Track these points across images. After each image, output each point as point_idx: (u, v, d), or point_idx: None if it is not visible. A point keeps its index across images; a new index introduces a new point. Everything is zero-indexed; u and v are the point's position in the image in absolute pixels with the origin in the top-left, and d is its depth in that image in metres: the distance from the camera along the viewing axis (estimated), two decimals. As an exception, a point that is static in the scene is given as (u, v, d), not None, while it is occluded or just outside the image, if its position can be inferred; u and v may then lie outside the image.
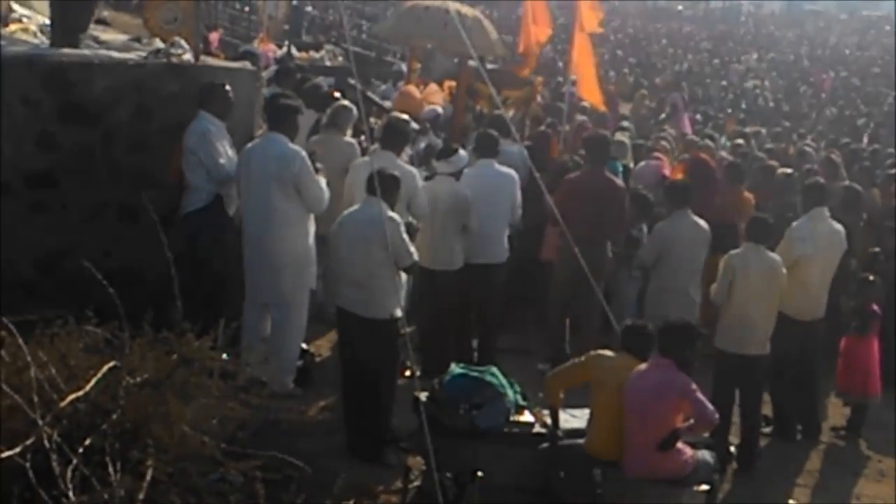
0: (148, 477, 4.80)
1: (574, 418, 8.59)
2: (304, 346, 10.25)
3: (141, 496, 4.70)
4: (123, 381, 5.14)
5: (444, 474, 7.97)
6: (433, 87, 17.15)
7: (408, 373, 10.53)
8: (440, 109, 15.41)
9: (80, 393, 4.86)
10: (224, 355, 8.27)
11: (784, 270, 9.98)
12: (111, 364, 5.10)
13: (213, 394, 5.40)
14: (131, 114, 10.05)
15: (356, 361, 9.02)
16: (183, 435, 5.16)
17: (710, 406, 7.79)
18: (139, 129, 10.07)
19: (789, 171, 14.34)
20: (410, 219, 9.41)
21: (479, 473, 7.92)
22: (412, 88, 16.53)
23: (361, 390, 9.00)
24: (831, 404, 11.86)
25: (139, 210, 10.01)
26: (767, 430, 10.91)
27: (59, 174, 9.95)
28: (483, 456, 8.20)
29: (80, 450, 4.77)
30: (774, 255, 10.04)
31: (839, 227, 10.98)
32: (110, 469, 4.74)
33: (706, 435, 8.26)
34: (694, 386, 7.83)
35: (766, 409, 10.85)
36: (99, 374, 4.98)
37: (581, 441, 8.21)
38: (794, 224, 10.93)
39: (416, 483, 8.50)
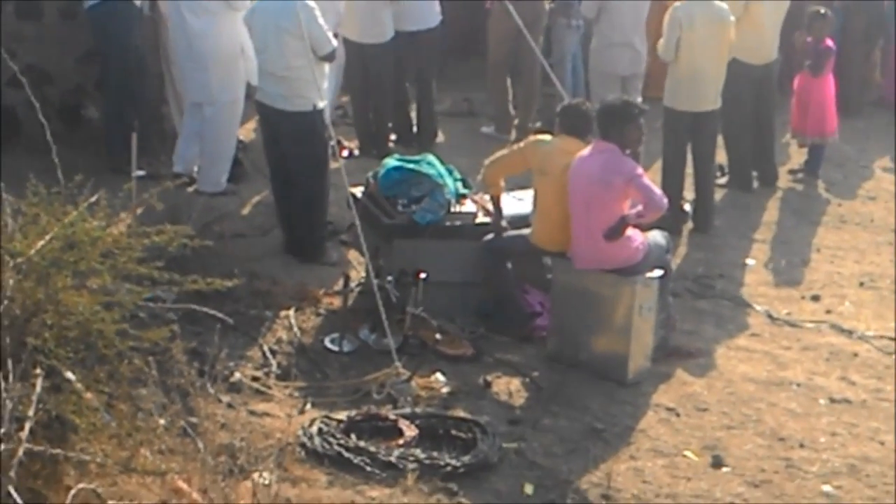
0: (38, 387, 4.32)
1: (520, 202, 8.16)
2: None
3: (31, 412, 4.24)
4: (10, 263, 4.60)
5: (386, 277, 7.58)
6: None
7: (346, 152, 10.09)
8: None
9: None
10: (139, 172, 7.85)
11: (732, 19, 9.38)
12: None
13: (106, 275, 4.86)
14: None
15: (282, 157, 8.48)
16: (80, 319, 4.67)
17: (657, 191, 7.33)
18: None
19: None
20: None
21: (423, 275, 7.50)
22: None
23: (292, 187, 8.48)
24: (787, 146, 11.42)
25: (40, 6, 9.35)
26: (723, 180, 10.53)
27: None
28: (425, 253, 7.75)
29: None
30: (722, 4, 9.40)
31: (790, -40, 10.33)
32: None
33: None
34: (640, 171, 7.36)
35: (721, 158, 10.43)
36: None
37: (527, 231, 7.79)
38: (743, -36, 10.23)
39: (360, 281, 8.08)
